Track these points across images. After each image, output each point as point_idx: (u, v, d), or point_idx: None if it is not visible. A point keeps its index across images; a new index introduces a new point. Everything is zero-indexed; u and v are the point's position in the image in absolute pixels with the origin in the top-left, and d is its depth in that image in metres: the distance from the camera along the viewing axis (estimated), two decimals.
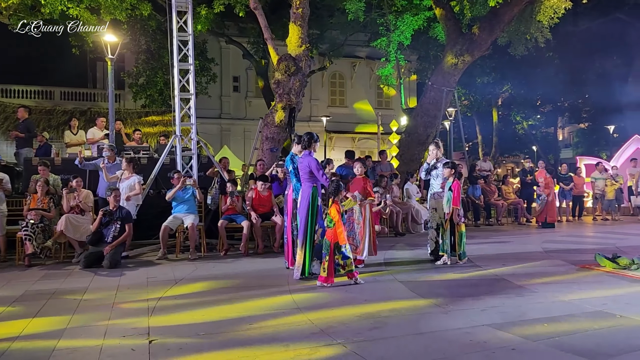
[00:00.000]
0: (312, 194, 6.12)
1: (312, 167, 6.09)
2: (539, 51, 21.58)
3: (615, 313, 4.37)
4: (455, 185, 6.90)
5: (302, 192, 6.21)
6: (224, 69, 25.69)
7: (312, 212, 6.08)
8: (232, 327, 4.08)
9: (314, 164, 6.11)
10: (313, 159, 6.18)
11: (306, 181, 6.19)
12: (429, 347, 3.58)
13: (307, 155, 6.26)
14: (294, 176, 6.49)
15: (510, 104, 31.68)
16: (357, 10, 14.94)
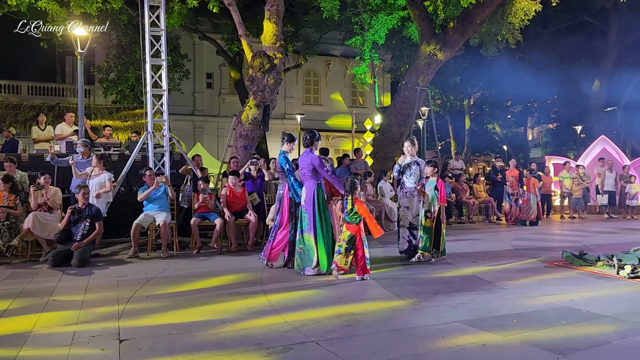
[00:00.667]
0: (317, 191, 6.17)
1: (315, 165, 6.15)
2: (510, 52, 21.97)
3: (581, 309, 4.49)
4: (441, 184, 7.03)
5: (306, 190, 6.22)
6: (198, 65, 25.41)
7: (320, 208, 6.14)
8: (205, 327, 4.04)
9: (317, 161, 6.18)
10: (316, 157, 6.24)
11: (310, 178, 6.22)
12: (401, 344, 3.61)
13: (308, 152, 6.30)
14: (290, 174, 6.41)
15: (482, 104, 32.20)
16: (331, 8, 14.95)
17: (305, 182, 6.26)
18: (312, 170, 6.19)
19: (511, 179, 12.80)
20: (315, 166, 6.15)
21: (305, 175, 6.26)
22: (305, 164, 6.23)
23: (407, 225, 7.13)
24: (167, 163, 9.43)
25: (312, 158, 6.20)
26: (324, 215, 6.17)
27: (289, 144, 6.61)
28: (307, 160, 6.22)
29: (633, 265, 6.09)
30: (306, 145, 6.36)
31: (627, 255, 6.80)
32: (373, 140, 16.20)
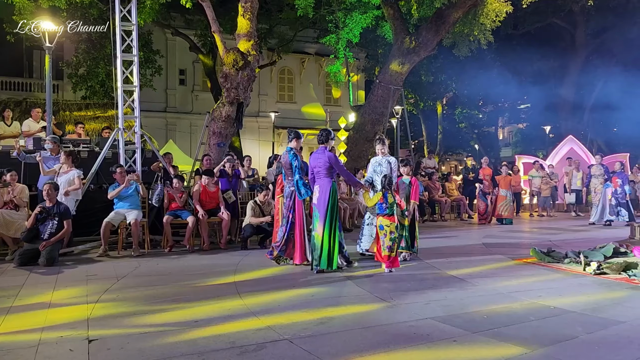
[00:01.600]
0: (333, 189, 6.17)
1: (332, 162, 6.19)
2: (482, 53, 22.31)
3: (549, 305, 4.60)
4: (414, 182, 7.11)
5: (321, 188, 6.19)
6: (170, 62, 25.04)
7: (334, 207, 6.15)
8: (177, 326, 3.99)
9: (334, 159, 6.23)
10: (332, 154, 6.27)
11: (324, 177, 6.20)
12: (374, 341, 3.64)
13: (324, 150, 6.29)
14: (298, 172, 6.33)
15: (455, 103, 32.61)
16: (306, 6, 14.92)
17: (319, 180, 6.22)
18: (328, 168, 6.18)
19: (487, 177, 12.71)
20: (332, 164, 6.18)
21: (319, 174, 6.23)
22: (321, 162, 6.20)
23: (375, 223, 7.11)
24: (139, 160, 9.28)
25: (328, 156, 6.21)
26: (336, 214, 6.20)
27: (297, 141, 6.61)
28: (323, 158, 6.20)
29: (599, 262, 6.26)
30: (321, 142, 6.35)
31: (593, 252, 6.99)
32: (347, 139, 16.26)
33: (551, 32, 26.63)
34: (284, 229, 6.58)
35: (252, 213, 8.03)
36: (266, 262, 6.83)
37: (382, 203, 6.24)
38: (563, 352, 3.40)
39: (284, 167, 6.69)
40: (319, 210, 6.15)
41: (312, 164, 6.31)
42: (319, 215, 6.13)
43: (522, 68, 27.50)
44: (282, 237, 6.57)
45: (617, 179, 12.43)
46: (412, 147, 20.85)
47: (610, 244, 7.42)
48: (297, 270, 6.29)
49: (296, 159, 6.38)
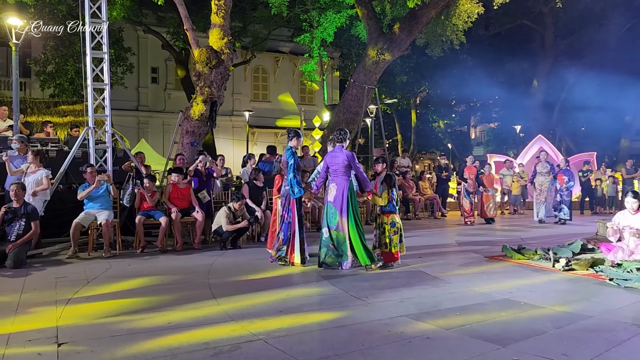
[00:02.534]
0: (351, 187, 6.21)
1: (350, 161, 6.20)
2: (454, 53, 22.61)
3: (520, 301, 4.69)
4: None
5: (338, 186, 6.20)
6: (142, 59, 24.67)
7: (354, 204, 6.20)
8: (149, 328, 3.93)
9: (352, 157, 6.24)
10: (350, 153, 6.27)
11: (341, 175, 6.22)
12: (348, 340, 3.65)
13: (341, 149, 6.30)
14: (292, 170, 6.33)
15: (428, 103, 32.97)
16: (280, 4, 14.87)
17: (336, 179, 6.24)
18: (346, 167, 6.21)
19: (471, 176, 12.35)
20: (350, 162, 6.19)
21: (336, 172, 6.24)
22: (339, 160, 6.22)
23: None
24: (110, 160, 9.11)
25: (347, 155, 6.23)
26: (357, 211, 6.26)
27: (297, 139, 6.62)
28: (342, 156, 6.22)
29: (567, 258, 6.42)
30: (339, 141, 6.37)
31: (562, 249, 7.17)
32: (321, 138, 16.27)
33: (521, 34, 27.15)
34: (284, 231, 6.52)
35: (227, 220, 7.95)
36: (241, 263, 6.79)
37: (391, 201, 6.48)
38: (533, 347, 3.47)
39: (282, 166, 6.67)
40: (337, 208, 6.18)
41: (329, 163, 6.32)
42: (337, 213, 6.18)
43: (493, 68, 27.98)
44: (285, 239, 6.49)
45: (563, 176, 12.39)
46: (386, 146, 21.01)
47: (578, 241, 7.62)
48: (272, 270, 6.26)
49: (293, 158, 6.37)
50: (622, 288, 5.19)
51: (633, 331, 3.78)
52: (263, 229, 9.13)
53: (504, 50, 27.45)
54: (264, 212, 9.03)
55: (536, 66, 27.47)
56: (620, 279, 5.41)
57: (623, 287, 5.21)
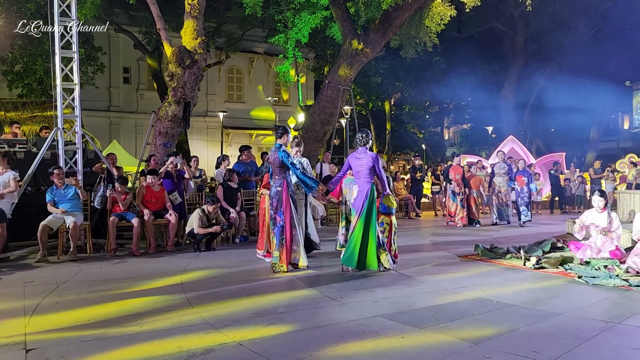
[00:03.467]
0: (372, 191, 6.12)
1: (375, 163, 6.13)
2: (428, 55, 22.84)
3: (492, 299, 4.76)
4: None
5: (361, 189, 6.13)
6: (113, 59, 24.24)
7: (374, 209, 6.08)
8: (121, 332, 3.86)
9: (377, 159, 6.16)
10: (375, 155, 6.20)
11: (365, 177, 6.14)
12: (324, 340, 3.64)
13: (366, 151, 6.23)
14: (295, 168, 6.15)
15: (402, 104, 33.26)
16: (254, 5, 14.79)
17: (359, 181, 6.16)
18: (371, 169, 6.14)
19: (457, 177, 11.71)
20: (375, 164, 6.14)
21: (359, 174, 6.17)
22: (363, 162, 6.14)
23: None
24: (80, 161, 8.92)
25: (372, 157, 6.16)
26: (375, 216, 6.15)
27: (286, 136, 6.32)
28: (366, 158, 6.14)
29: (538, 256, 6.55)
30: (362, 144, 6.26)
31: (532, 248, 7.31)
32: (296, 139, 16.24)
33: (493, 36, 27.63)
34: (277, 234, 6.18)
35: (199, 223, 7.86)
36: (215, 264, 6.73)
37: None
38: (504, 344, 3.53)
39: (272, 165, 6.31)
40: (356, 210, 6.13)
41: (352, 165, 6.22)
42: (355, 214, 6.13)
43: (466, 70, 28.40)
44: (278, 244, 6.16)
45: (522, 177, 11.92)
46: None
47: (548, 240, 7.79)
48: (247, 272, 6.22)
49: (288, 156, 6.15)
50: (591, 285, 5.32)
51: (601, 327, 3.87)
52: (238, 230, 9.07)
53: (476, 52, 27.90)
54: (239, 213, 8.98)
55: (507, 68, 27.98)
56: (588, 277, 5.54)
57: (591, 285, 5.33)
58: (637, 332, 3.78)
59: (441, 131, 41.45)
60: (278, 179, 6.24)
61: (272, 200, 6.29)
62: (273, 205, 6.26)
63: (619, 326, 3.91)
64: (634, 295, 4.89)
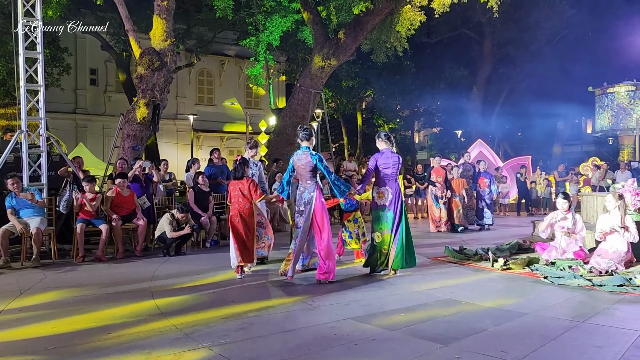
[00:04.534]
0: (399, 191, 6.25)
1: (400, 163, 6.27)
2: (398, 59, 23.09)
3: (461, 300, 4.83)
4: None
5: (392, 189, 6.15)
6: (80, 60, 23.71)
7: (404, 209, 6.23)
8: (87, 338, 3.77)
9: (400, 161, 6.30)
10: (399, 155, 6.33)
11: (394, 177, 6.21)
12: (295, 344, 3.64)
13: (392, 152, 6.27)
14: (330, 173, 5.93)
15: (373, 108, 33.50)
16: (225, 7, 14.70)
17: (390, 182, 6.17)
18: (398, 169, 6.25)
19: (439, 179, 11.05)
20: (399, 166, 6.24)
21: (389, 176, 6.18)
22: (392, 162, 6.17)
23: None
24: (44, 165, 8.68)
25: (399, 158, 6.29)
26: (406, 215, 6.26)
27: (312, 139, 5.99)
28: (394, 159, 6.20)
29: (505, 257, 6.68)
30: (390, 145, 6.30)
31: (500, 249, 7.46)
32: (268, 142, 16.21)
33: (461, 42, 28.13)
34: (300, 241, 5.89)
35: (170, 228, 7.74)
36: (185, 269, 6.64)
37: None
38: (473, 345, 3.58)
39: (299, 169, 5.88)
40: (393, 211, 6.11)
41: (382, 166, 6.16)
42: (393, 217, 6.09)
43: (435, 75, 28.84)
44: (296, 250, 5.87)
45: (484, 179, 11.65)
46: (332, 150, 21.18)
47: (515, 241, 7.96)
48: (218, 277, 6.16)
49: (322, 160, 5.81)
50: (556, 285, 5.45)
51: (566, 327, 3.97)
52: (209, 234, 8.98)
53: (445, 57, 28.36)
54: (210, 218, 8.89)
55: (475, 73, 28.52)
56: (554, 277, 5.68)
57: (557, 285, 5.46)
58: (600, 330, 3.89)
59: (412, 135, 41.87)
60: (310, 184, 5.85)
61: (304, 207, 5.85)
62: (305, 212, 5.84)
63: (583, 325, 4.02)
64: (597, 295, 5.04)
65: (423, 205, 15.33)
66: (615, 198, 6.44)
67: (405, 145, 39.65)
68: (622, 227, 6.21)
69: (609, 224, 6.31)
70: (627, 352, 3.38)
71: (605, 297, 4.92)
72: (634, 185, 7.25)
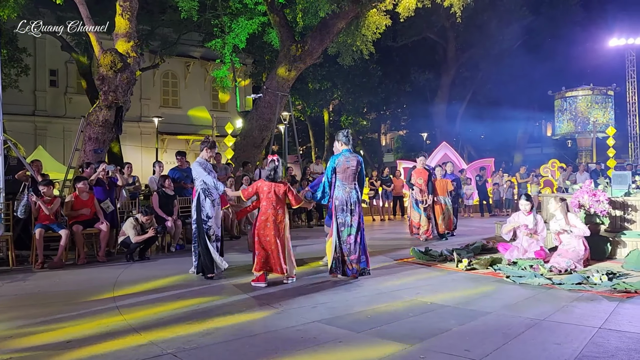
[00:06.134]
0: None
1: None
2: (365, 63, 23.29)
3: (427, 301, 4.89)
4: None
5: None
6: (39, 61, 23.02)
7: None
8: (47, 351, 3.65)
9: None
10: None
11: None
12: (261, 348, 3.61)
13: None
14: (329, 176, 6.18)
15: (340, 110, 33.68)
16: (190, 8, 14.54)
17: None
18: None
19: (419, 182, 9.79)
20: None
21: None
22: None
23: None
24: (1, 168, 8.38)
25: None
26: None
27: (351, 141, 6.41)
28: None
29: (469, 258, 6.80)
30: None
31: (464, 250, 7.59)
32: (234, 145, 16.08)
33: (426, 46, 28.59)
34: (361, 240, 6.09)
35: (134, 232, 7.58)
36: (149, 274, 6.51)
37: None
38: (438, 345, 3.63)
39: (347, 171, 6.11)
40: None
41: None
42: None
43: (401, 78, 29.21)
44: (364, 245, 6.12)
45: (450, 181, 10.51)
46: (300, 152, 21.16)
47: (479, 242, 8.12)
48: (183, 281, 6.07)
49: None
50: (518, 284, 5.58)
51: (527, 324, 4.07)
52: (174, 238, 8.84)
53: (411, 61, 28.78)
54: (175, 222, 8.75)
55: (440, 77, 29.01)
56: (515, 276, 5.82)
57: (518, 284, 5.60)
58: (560, 327, 3.99)
59: (378, 137, 42.27)
60: (355, 184, 6.18)
61: (350, 206, 6.09)
62: (350, 210, 6.06)
63: (544, 322, 4.13)
64: (557, 293, 5.18)
65: (389, 207, 15.47)
66: (556, 201, 6.78)
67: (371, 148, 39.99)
68: (569, 225, 6.55)
69: (558, 227, 6.64)
70: (584, 349, 3.48)
71: (564, 295, 5.07)
72: (591, 186, 7.50)
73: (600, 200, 7.19)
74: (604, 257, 7.01)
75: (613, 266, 6.36)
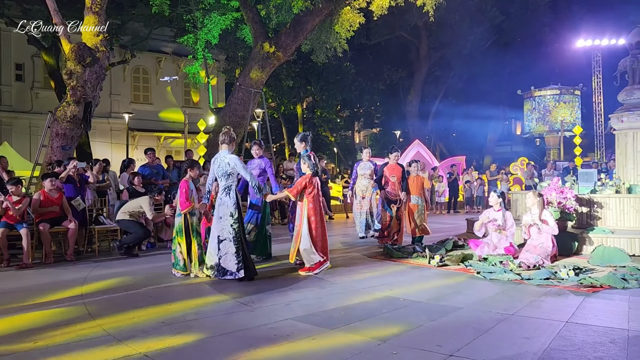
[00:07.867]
0: None
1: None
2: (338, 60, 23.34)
3: (400, 297, 4.93)
4: None
5: None
6: (4, 55, 22.35)
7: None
8: (13, 344, 3.54)
9: None
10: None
11: None
12: (234, 347, 3.58)
13: None
14: None
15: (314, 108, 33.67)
16: (161, 3, 14.32)
17: None
18: None
19: (392, 179, 8.58)
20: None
21: None
22: None
23: None
24: None
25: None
26: None
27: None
28: None
29: (441, 254, 6.88)
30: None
31: (436, 247, 7.68)
32: (207, 142, 15.92)
33: (399, 44, 28.76)
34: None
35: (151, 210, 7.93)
36: (119, 272, 6.40)
37: None
38: (411, 340, 3.66)
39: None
40: None
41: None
42: None
43: (374, 76, 29.33)
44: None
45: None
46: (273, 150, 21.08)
47: (451, 239, 8.22)
48: (153, 279, 5.97)
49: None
50: (488, 280, 5.68)
51: (497, 319, 4.14)
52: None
53: (384, 59, 28.90)
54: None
55: (413, 75, 29.25)
56: (486, 272, 5.91)
57: (489, 280, 5.69)
58: (529, 322, 4.08)
59: (352, 135, 42.40)
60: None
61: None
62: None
63: (513, 317, 4.21)
64: (526, 288, 5.29)
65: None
66: (534, 195, 6.91)
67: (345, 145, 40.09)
68: (540, 220, 6.70)
69: (530, 219, 6.81)
70: (552, 342, 3.56)
71: (533, 290, 5.17)
72: (559, 183, 7.68)
73: (567, 197, 7.36)
74: (571, 253, 7.18)
75: (579, 262, 6.53)
